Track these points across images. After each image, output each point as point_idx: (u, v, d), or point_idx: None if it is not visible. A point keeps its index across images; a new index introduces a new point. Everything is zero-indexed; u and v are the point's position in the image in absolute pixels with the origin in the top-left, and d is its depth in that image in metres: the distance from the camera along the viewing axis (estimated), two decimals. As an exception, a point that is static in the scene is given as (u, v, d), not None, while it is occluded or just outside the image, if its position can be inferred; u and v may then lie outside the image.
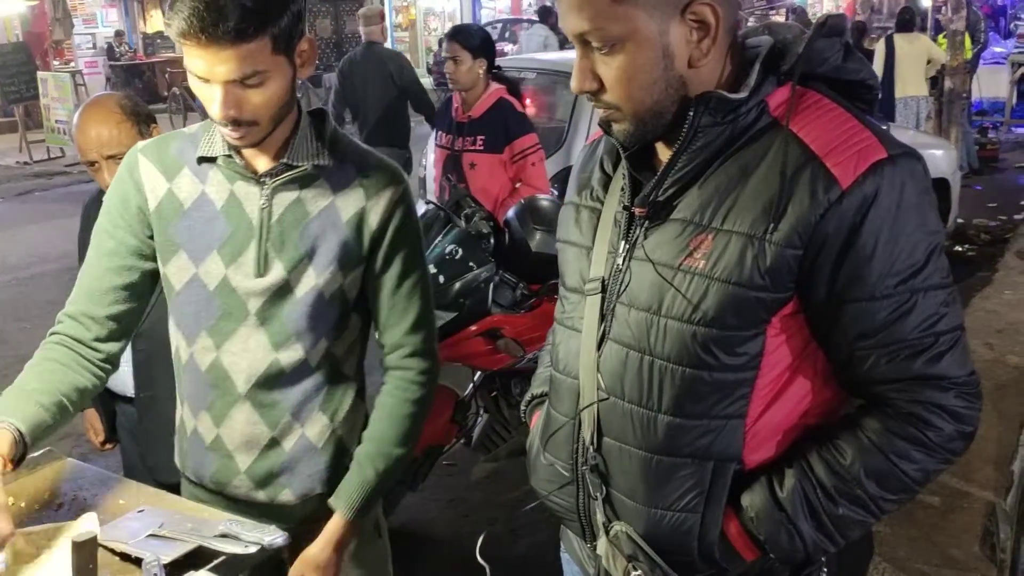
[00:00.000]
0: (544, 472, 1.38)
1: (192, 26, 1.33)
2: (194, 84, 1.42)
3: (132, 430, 2.28)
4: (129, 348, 1.78)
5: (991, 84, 11.82)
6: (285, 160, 1.53)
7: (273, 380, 1.58)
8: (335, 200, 1.55)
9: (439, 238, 3.24)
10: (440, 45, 21.14)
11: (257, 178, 1.54)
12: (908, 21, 9.16)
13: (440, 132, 4.13)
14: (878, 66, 8.85)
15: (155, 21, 17.23)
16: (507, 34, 20.19)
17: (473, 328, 3.15)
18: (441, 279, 3.08)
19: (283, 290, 1.55)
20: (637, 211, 1.23)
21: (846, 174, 1.09)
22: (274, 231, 1.54)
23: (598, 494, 1.28)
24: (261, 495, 1.64)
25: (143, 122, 2.02)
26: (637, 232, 1.23)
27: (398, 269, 1.60)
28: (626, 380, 1.22)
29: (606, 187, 1.33)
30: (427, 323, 1.66)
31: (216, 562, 1.35)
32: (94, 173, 2.06)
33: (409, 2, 22.75)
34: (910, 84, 8.67)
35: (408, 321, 1.63)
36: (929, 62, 8.70)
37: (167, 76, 16.23)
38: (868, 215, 1.09)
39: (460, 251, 3.16)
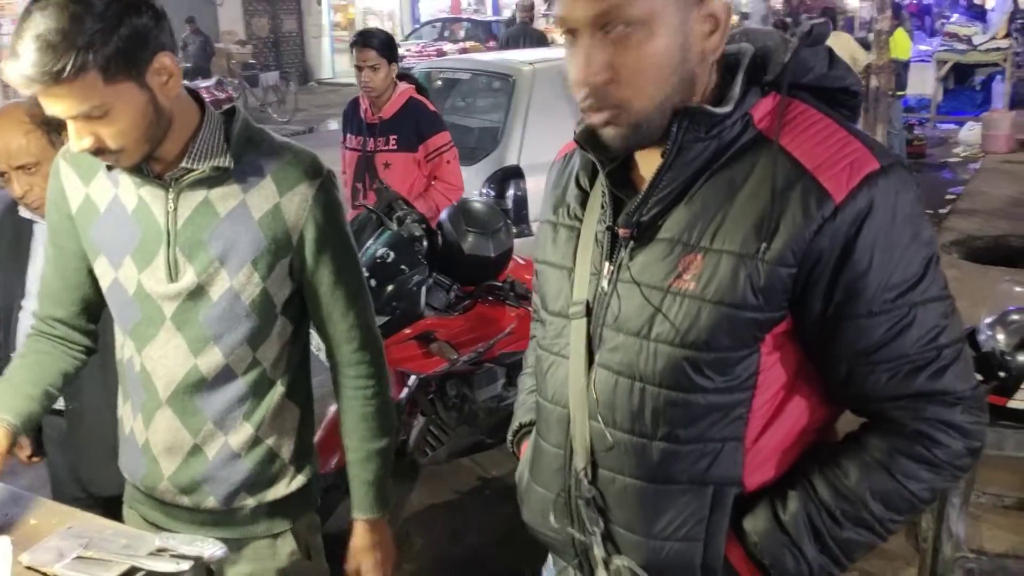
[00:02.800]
0: (537, 504, 1.32)
1: (14, 70, 1.31)
2: None
3: (60, 443, 2.23)
4: None
5: (917, 81, 12.14)
6: (184, 164, 1.49)
7: (194, 387, 1.57)
8: (245, 199, 1.52)
9: (371, 241, 3.22)
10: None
11: (162, 181, 1.52)
12: (831, 20, 9.36)
13: (349, 135, 4.11)
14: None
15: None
16: (446, 33, 20.14)
17: (407, 332, 3.14)
18: (373, 283, 3.05)
19: (196, 294, 1.53)
20: (621, 232, 1.18)
21: (839, 188, 1.06)
22: (182, 235, 1.51)
23: (595, 529, 1.22)
24: (185, 500, 1.63)
25: (54, 130, 1.96)
26: (622, 253, 1.18)
27: (331, 265, 1.57)
28: (617, 408, 1.18)
29: (584, 204, 1.27)
30: (370, 315, 1.67)
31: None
32: (4, 183, 2.01)
33: (348, 1, 22.56)
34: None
35: (352, 317, 1.62)
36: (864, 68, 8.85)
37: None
38: (863, 229, 1.06)
39: (392, 254, 3.14)
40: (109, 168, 1.54)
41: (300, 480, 1.69)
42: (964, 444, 1.13)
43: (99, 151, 1.40)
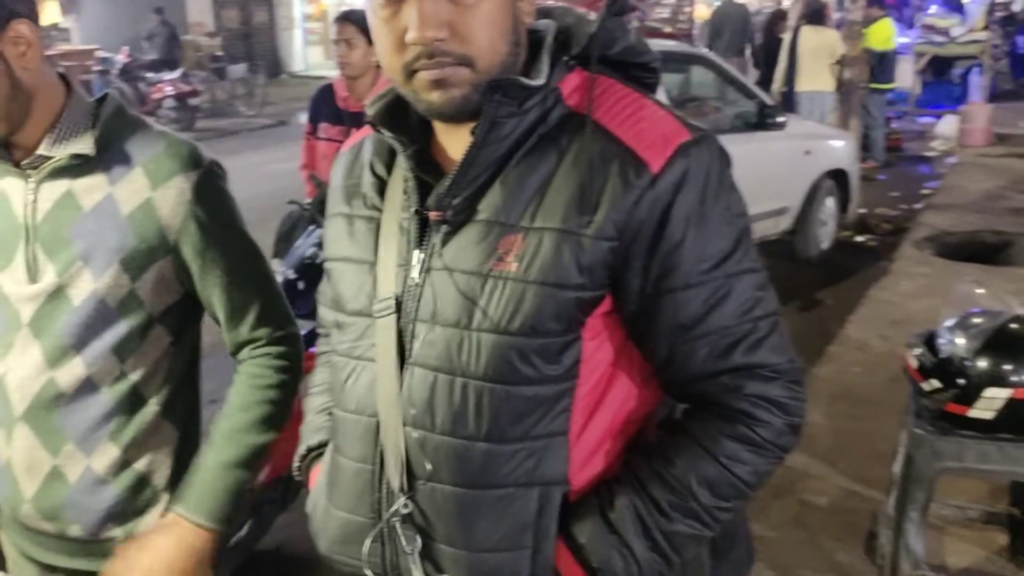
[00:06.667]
0: (336, 532, 1.20)
1: None
2: None
3: None
4: None
5: (896, 74, 12.03)
6: (41, 151, 1.37)
7: (51, 403, 1.42)
8: (113, 192, 1.39)
9: (301, 239, 3.05)
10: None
11: (22, 171, 1.39)
12: (817, 13, 9.14)
13: (323, 124, 3.89)
14: (783, 58, 8.85)
15: (50, 13, 16.49)
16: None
17: (341, 336, 2.96)
18: (301, 285, 2.88)
19: (56, 297, 1.39)
20: (432, 215, 1.11)
21: (655, 158, 1.05)
22: (42, 230, 1.39)
23: (412, 547, 1.12)
24: (48, 527, 1.49)
25: None
26: (433, 239, 1.11)
27: (222, 261, 1.43)
28: (436, 408, 1.09)
29: (382, 192, 1.19)
30: (278, 307, 1.51)
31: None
32: None
33: (321, -8, 22.26)
34: (810, 78, 8.57)
35: (252, 314, 1.47)
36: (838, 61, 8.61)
37: (64, 70, 15.53)
38: (677, 199, 1.05)
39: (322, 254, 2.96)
40: None
41: None
42: (784, 421, 1.12)
43: None
